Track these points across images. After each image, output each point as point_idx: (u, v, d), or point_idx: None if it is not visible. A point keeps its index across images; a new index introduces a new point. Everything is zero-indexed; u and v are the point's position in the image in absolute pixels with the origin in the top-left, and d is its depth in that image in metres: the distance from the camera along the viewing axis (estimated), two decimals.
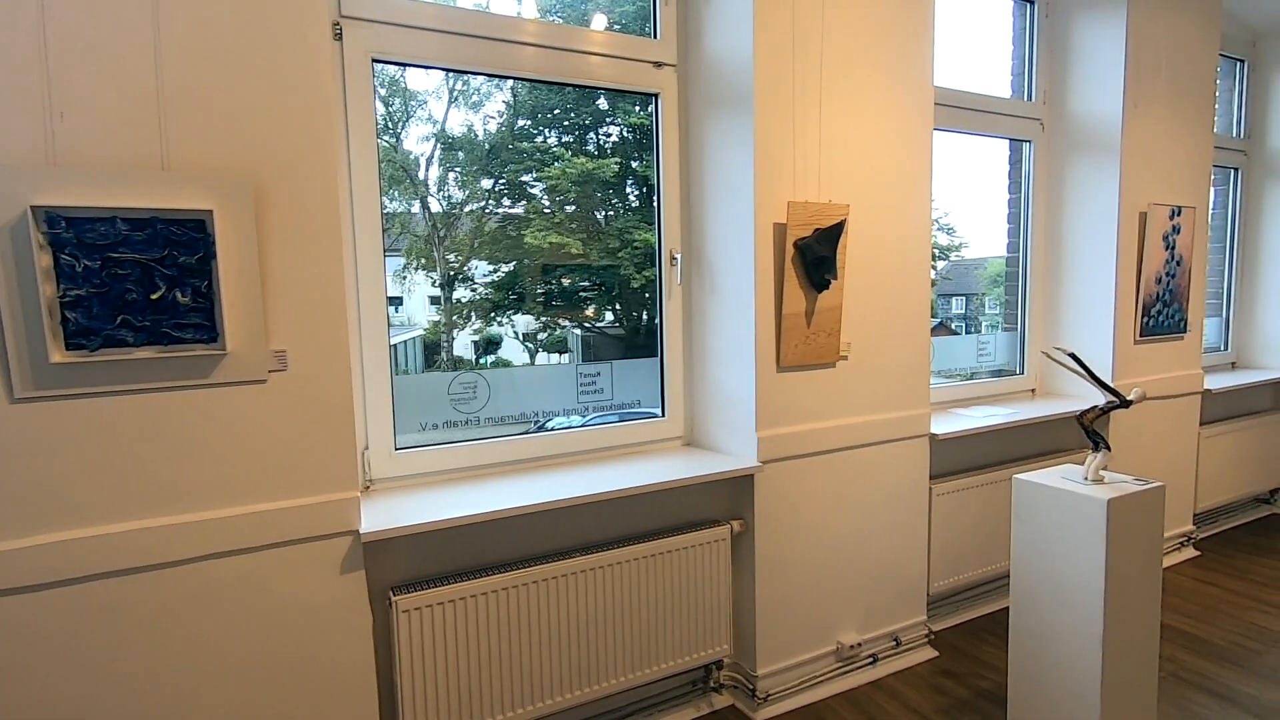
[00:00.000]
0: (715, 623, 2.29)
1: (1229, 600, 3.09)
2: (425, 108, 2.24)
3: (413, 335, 2.38)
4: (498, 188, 2.38)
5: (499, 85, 2.33)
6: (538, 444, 2.26)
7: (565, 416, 2.39)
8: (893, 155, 2.47)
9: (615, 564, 2.10)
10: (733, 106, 2.24)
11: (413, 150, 2.26)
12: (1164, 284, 3.34)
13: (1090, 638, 1.87)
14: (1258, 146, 4.21)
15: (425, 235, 2.31)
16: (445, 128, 2.27)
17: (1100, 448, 1.93)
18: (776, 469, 2.31)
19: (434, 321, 2.39)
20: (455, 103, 2.29)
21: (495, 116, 2.36)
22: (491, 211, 2.39)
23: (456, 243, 2.35)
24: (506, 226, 2.41)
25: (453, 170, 2.32)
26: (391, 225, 2.22)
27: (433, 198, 2.31)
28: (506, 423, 2.26)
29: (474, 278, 2.41)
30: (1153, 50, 3.17)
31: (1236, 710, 2.30)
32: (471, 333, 2.43)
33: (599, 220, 2.53)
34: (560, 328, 2.60)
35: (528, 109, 2.43)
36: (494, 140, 2.34)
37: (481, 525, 2.01)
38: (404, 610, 1.80)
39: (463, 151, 2.32)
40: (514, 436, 2.23)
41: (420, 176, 2.28)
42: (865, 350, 2.48)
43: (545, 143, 2.45)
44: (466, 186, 2.35)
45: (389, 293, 2.28)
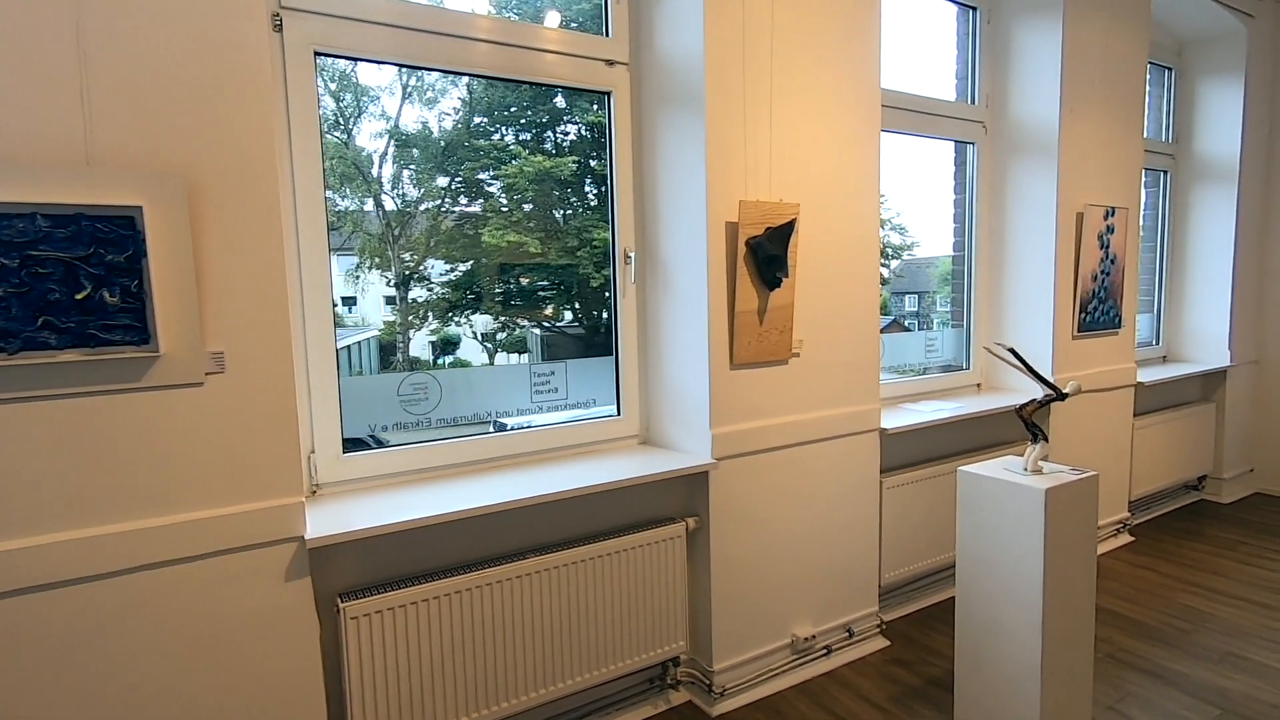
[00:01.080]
0: (671, 620, 2.30)
1: (1161, 583, 3.25)
2: (378, 103, 2.20)
3: (367, 336, 2.34)
4: (454, 186, 2.34)
5: (454, 81, 2.29)
6: (491, 444, 2.24)
7: (525, 416, 2.37)
8: (842, 155, 2.52)
9: (570, 564, 2.09)
10: (685, 105, 2.26)
11: (365, 147, 2.20)
12: (1099, 282, 3.49)
13: (1030, 622, 1.94)
14: (1184, 150, 4.42)
15: (379, 234, 2.26)
16: (399, 124, 2.23)
17: (1039, 439, 2.00)
18: (731, 466, 2.33)
19: (389, 322, 2.34)
20: (409, 99, 2.25)
21: (451, 113, 2.32)
22: (448, 210, 2.36)
23: (412, 242, 2.31)
24: (463, 225, 2.38)
25: (407, 168, 2.28)
26: (343, 223, 2.18)
27: (387, 196, 2.27)
28: (459, 424, 2.23)
29: (430, 277, 2.37)
30: (1086, 57, 3.30)
31: (1167, 687, 2.42)
32: (428, 333, 2.40)
33: (557, 219, 2.52)
34: (519, 327, 2.58)
35: (484, 106, 2.41)
36: (450, 137, 2.31)
37: (433, 528, 1.97)
38: (352, 617, 1.76)
39: (417, 149, 2.28)
40: (467, 437, 2.19)
41: (374, 174, 2.22)
42: (817, 347, 2.52)
43: (502, 140, 2.43)
44: (422, 184, 2.31)
45: (342, 292, 2.28)
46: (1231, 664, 2.55)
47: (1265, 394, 4.52)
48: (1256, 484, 4.58)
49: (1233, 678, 2.46)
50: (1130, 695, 2.37)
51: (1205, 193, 4.35)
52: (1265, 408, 4.53)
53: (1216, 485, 4.42)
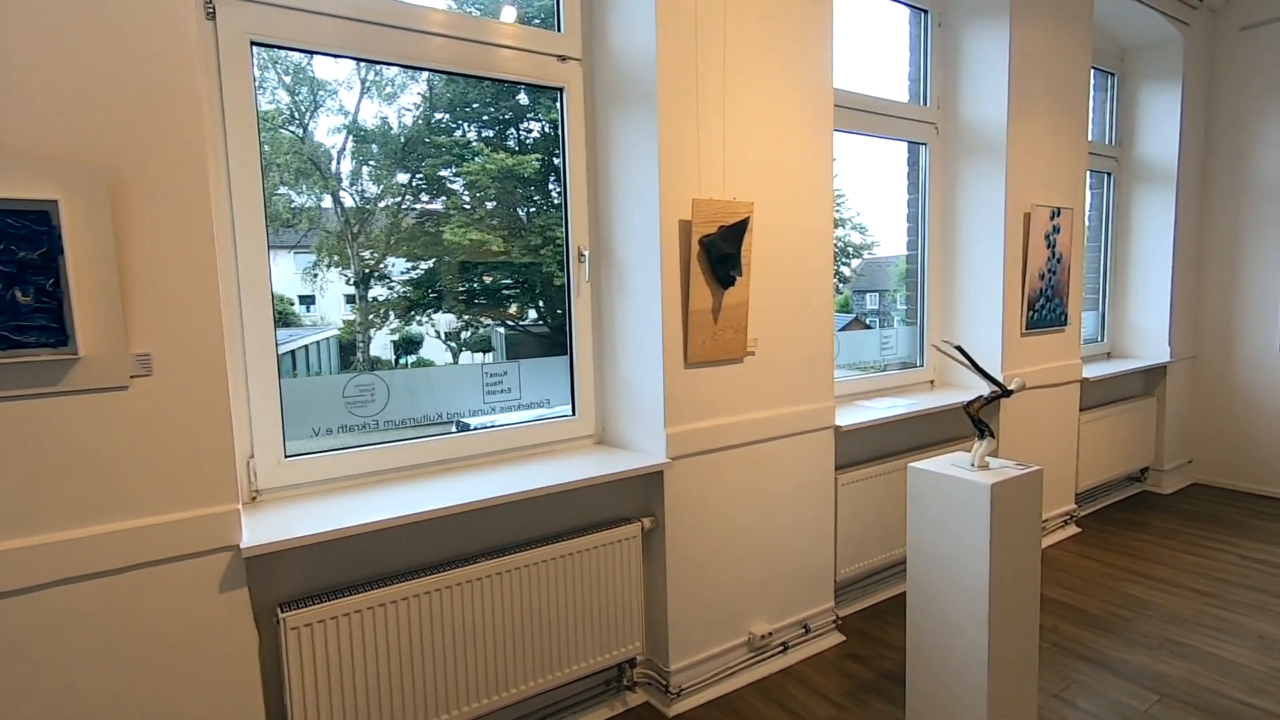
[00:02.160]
0: (627, 621, 2.28)
1: (1105, 573, 3.35)
2: (335, 98, 2.14)
3: (326, 336, 2.28)
4: (415, 183, 2.30)
5: (413, 77, 2.24)
6: (443, 446, 2.19)
7: (477, 417, 2.33)
8: (796, 154, 2.53)
9: (523, 567, 2.06)
10: (637, 102, 2.24)
11: (323, 142, 2.14)
12: (1046, 280, 3.58)
13: (977, 614, 1.98)
14: (1127, 153, 4.58)
15: (338, 231, 2.20)
16: (358, 120, 2.18)
17: (985, 435, 2.04)
18: (686, 465, 2.32)
19: (348, 321, 2.29)
20: (368, 94, 2.19)
21: (411, 109, 2.27)
22: (409, 207, 2.31)
23: (371, 239, 2.26)
24: (424, 223, 2.32)
25: (367, 164, 2.22)
26: (300, 220, 2.12)
27: (345, 192, 2.20)
28: (410, 425, 2.17)
29: (391, 276, 2.32)
30: (1032, 61, 3.38)
31: (1109, 674, 2.49)
32: (389, 332, 2.34)
33: (521, 217, 2.48)
34: (483, 327, 2.54)
35: (445, 102, 2.36)
36: (410, 134, 2.27)
37: (379, 533, 1.92)
38: (292, 628, 1.70)
39: (377, 145, 2.23)
40: (416, 439, 2.14)
41: (332, 170, 2.16)
42: (771, 345, 2.53)
43: (464, 137, 2.39)
44: (381, 181, 2.26)
45: (300, 291, 2.23)
46: (1170, 649, 2.64)
47: (1202, 388, 4.71)
48: (1195, 475, 4.77)
49: (1170, 663, 2.55)
50: (1075, 683, 2.44)
51: (1146, 194, 4.50)
52: (1202, 402, 4.71)
53: (1158, 477, 4.59)
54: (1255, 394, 4.46)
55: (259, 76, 2.01)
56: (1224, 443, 4.63)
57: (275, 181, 2.06)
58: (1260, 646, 2.64)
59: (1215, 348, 4.64)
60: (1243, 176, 4.45)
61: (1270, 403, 4.40)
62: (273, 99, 2.04)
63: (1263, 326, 4.41)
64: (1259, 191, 4.39)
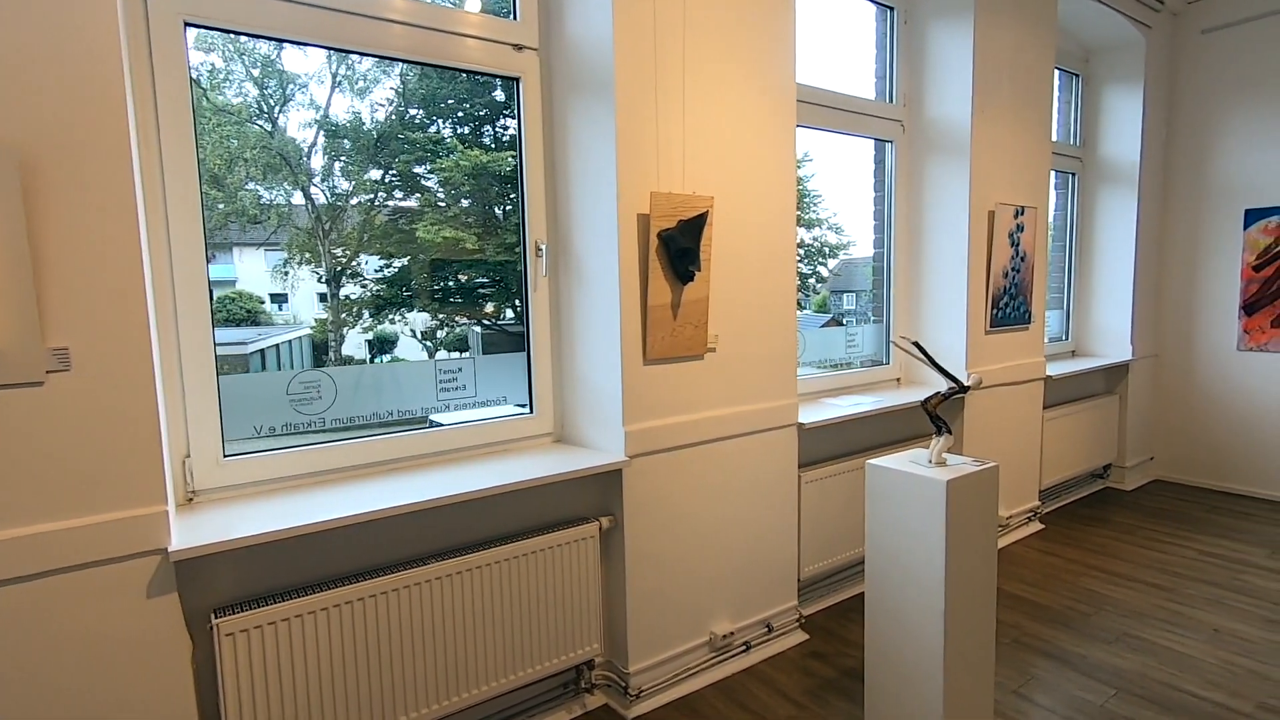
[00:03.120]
0: (585, 622, 2.24)
1: (1066, 568, 3.38)
2: (306, 92, 2.09)
3: (299, 335, 2.25)
4: (388, 179, 2.26)
5: (386, 71, 2.20)
6: (392, 445, 2.13)
7: (435, 414, 2.27)
8: (758, 148, 2.50)
9: (477, 568, 2.01)
10: (595, 93, 2.19)
11: (293, 137, 2.09)
12: (1010, 278, 3.60)
13: (933, 610, 1.96)
14: (1091, 153, 4.63)
15: (308, 228, 2.16)
16: (329, 114, 2.13)
17: (942, 432, 2.03)
18: (645, 463, 2.29)
19: (320, 319, 2.25)
20: (339, 87, 2.14)
21: (384, 104, 2.22)
22: (381, 204, 2.26)
23: (344, 236, 2.22)
24: (398, 220, 2.28)
25: (338, 159, 2.18)
26: (268, 216, 2.09)
27: (316, 188, 2.16)
28: (357, 424, 2.11)
29: (364, 273, 2.28)
30: (996, 60, 3.40)
31: (1067, 669, 2.50)
32: (361, 331, 2.31)
33: (496, 215, 2.43)
34: (460, 325, 2.50)
35: (419, 98, 2.32)
36: (383, 129, 2.22)
37: (322, 535, 1.86)
38: (227, 634, 1.63)
39: (349, 140, 2.18)
40: (365, 438, 2.08)
41: (302, 165, 2.11)
42: (733, 342, 2.50)
43: (438, 133, 2.35)
44: (353, 177, 2.21)
45: (270, 289, 2.18)
46: (1127, 644, 2.66)
47: (1163, 387, 4.79)
48: (1156, 471, 4.85)
49: (1127, 657, 2.57)
50: (1033, 679, 2.44)
51: (1110, 194, 4.56)
52: (1163, 400, 4.79)
53: (1120, 473, 4.65)
54: (1214, 392, 4.54)
55: (225, 68, 1.97)
56: (1184, 440, 4.71)
57: (242, 176, 2.03)
58: (1214, 640, 2.67)
59: (1176, 346, 4.71)
60: (1202, 178, 4.53)
61: (1228, 401, 4.48)
62: (239, 91, 2.00)
63: (1221, 326, 4.49)
64: (1218, 192, 4.46)
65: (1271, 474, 4.34)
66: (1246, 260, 4.36)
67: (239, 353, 2.13)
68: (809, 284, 4.19)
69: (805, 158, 4.11)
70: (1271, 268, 4.27)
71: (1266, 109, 4.22)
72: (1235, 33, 4.32)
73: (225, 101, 1.98)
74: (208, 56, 1.93)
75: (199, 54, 1.89)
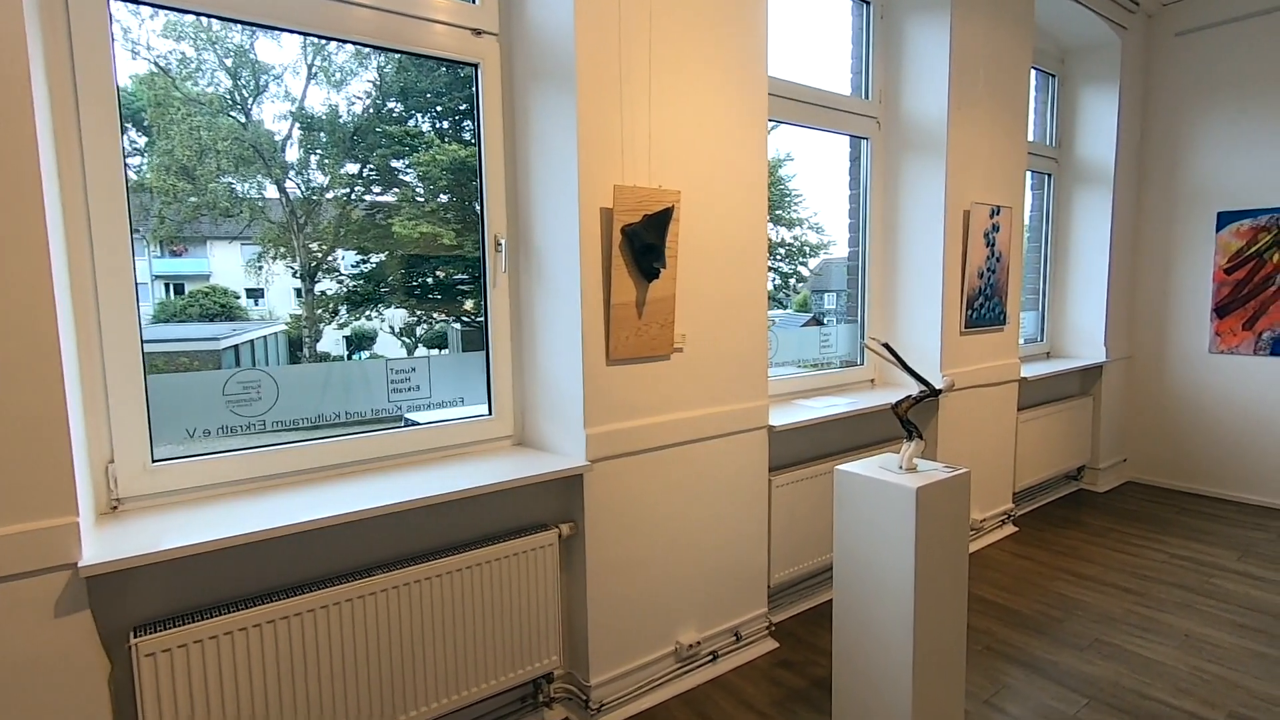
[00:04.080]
0: (544, 633, 2.15)
1: (1039, 572, 3.34)
2: (281, 83, 2.03)
3: (273, 330, 2.20)
4: (366, 173, 2.20)
5: (363, 64, 2.13)
6: (338, 449, 2.02)
7: (410, 414, 2.17)
8: (727, 141, 2.42)
9: (426, 579, 1.90)
10: (556, 81, 2.10)
11: (267, 129, 2.03)
12: (985, 279, 3.56)
13: (903, 619, 1.90)
14: (1066, 154, 4.62)
15: (282, 222, 2.10)
16: (304, 106, 2.07)
17: (913, 437, 1.96)
18: (607, 468, 2.20)
19: (295, 315, 2.20)
20: (315, 79, 2.08)
21: (362, 97, 2.16)
22: (358, 199, 2.21)
23: (319, 231, 2.17)
24: (375, 215, 2.23)
25: (314, 153, 2.12)
26: (240, 209, 2.04)
27: (291, 181, 2.09)
28: (301, 427, 1.99)
29: (340, 269, 2.23)
30: (973, 57, 3.35)
31: (1039, 677, 2.46)
32: (336, 327, 2.26)
33: (475, 211, 2.33)
34: (439, 322, 2.44)
35: (397, 90, 2.25)
36: (360, 122, 2.17)
37: (258, 546, 1.74)
38: (147, 654, 1.51)
39: (325, 133, 2.13)
40: (308, 442, 1.96)
41: (276, 158, 2.05)
42: (701, 342, 2.42)
43: (417, 127, 2.29)
44: (329, 170, 2.15)
45: (246, 284, 2.14)
46: (1098, 650, 2.62)
47: (1136, 388, 4.79)
48: (1129, 473, 4.85)
49: (1099, 664, 2.53)
50: (1005, 688, 2.39)
51: (1084, 195, 4.55)
52: (1136, 401, 4.80)
53: (1094, 475, 4.65)
54: (1186, 394, 4.55)
55: (196, 57, 1.91)
56: (1156, 442, 4.72)
57: (213, 169, 1.97)
58: (1185, 646, 2.64)
59: (1149, 348, 4.72)
60: (1176, 180, 4.53)
61: (1200, 403, 4.49)
62: (212, 81, 1.95)
63: (1193, 328, 4.50)
64: (1191, 195, 4.47)
65: (1241, 476, 4.36)
66: (1218, 263, 4.37)
67: (211, 349, 2.08)
68: (790, 283, 4.15)
69: (787, 158, 4.06)
70: (1243, 270, 4.28)
71: (1239, 112, 4.23)
72: (1209, 35, 4.33)
73: (198, 92, 1.93)
74: (178, 45, 1.87)
75: (169, 42, 1.85)
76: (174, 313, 2.13)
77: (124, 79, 1.76)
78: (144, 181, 1.88)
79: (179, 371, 1.93)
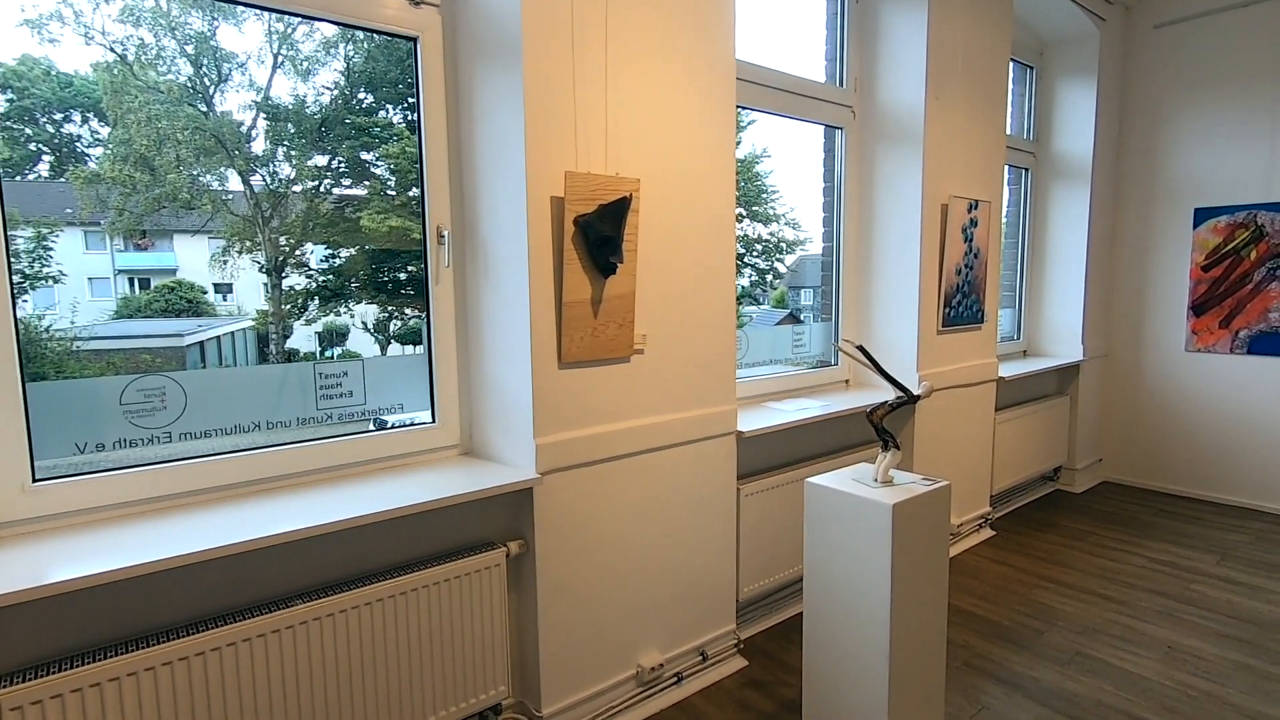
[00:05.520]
0: (490, 662, 1.97)
1: (1018, 579, 3.24)
2: (245, 72, 1.95)
3: (240, 326, 2.12)
4: (335, 165, 2.13)
5: (332, 53, 2.06)
6: (258, 463, 1.81)
7: (305, 429, 1.96)
8: (693, 128, 2.25)
9: (354, 607, 1.71)
10: (501, 57, 1.91)
11: (231, 119, 1.96)
12: (963, 275, 3.44)
13: (878, 642, 1.75)
14: (1044, 148, 4.52)
15: (247, 215, 2.04)
16: (270, 96, 2.00)
17: (890, 446, 1.82)
18: (560, 480, 2.02)
19: (262, 311, 2.12)
20: (281, 68, 2.00)
21: (330, 87, 2.08)
22: (326, 191, 2.14)
23: (286, 225, 2.11)
24: (344, 208, 2.14)
25: (280, 144, 2.06)
26: (202, 201, 1.97)
27: (257, 172, 2.02)
28: (215, 436, 1.79)
29: (309, 263, 2.17)
30: (951, 47, 3.21)
31: (1020, 695, 2.33)
32: (304, 323, 2.19)
33: None
34: (413, 318, 2.33)
35: (365, 80, 2.15)
36: (328, 113, 2.10)
37: (154, 577, 1.54)
38: (11, 708, 1.31)
39: (292, 124, 2.06)
40: (220, 456, 1.76)
41: (241, 149, 1.98)
42: (664, 343, 2.25)
43: (387, 119, 2.19)
44: (296, 162, 2.09)
45: (208, 278, 2.08)
46: (1080, 665, 2.51)
47: (1113, 388, 4.73)
48: (1105, 473, 4.79)
49: (1081, 680, 2.41)
50: (985, 709, 2.26)
51: (1063, 191, 4.46)
52: (1113, 401, 4.73)
53: (1070, 475, 4.57)
54: (1162, 393, 4.49)
55: (155, 44, 1.83)
56: (1132, 442, 4.65)
57: (173, 159, 1.90)
58: (1168, 659, 2.54)
59: (1126, 346, 4.65)
60: (1153, 176, 4.46)
61: (1176, 402, 4.43)
62: (171, 69, 1.88)
63: (1170, 326, 4.44)
64: (1168, 191, 4.40)
65: (1217, 477, 4.31)
66: (1196, 260, 4.31)
67: (174, 345, 2.01)
68: (767, 279, 4.03)
69: (764, 153, 3.91)
70: (1220, 268, 4.22)
71: (1216, 106, 4.16)
72: (1187, 28, 4.25)
73: (156, 79, 1.85)
74: (136, 31, 1.80)
75: (126, 27, 1.77)
76: (138, 308, 2.07)
77: (82, 65, 1.75)
78: (100, 172, 1.84)
79: (121, 374, 1.77)
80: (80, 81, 1.84)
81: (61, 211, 1.86)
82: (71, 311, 1.84)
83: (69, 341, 1.82)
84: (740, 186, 4.05)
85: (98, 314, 1.95)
